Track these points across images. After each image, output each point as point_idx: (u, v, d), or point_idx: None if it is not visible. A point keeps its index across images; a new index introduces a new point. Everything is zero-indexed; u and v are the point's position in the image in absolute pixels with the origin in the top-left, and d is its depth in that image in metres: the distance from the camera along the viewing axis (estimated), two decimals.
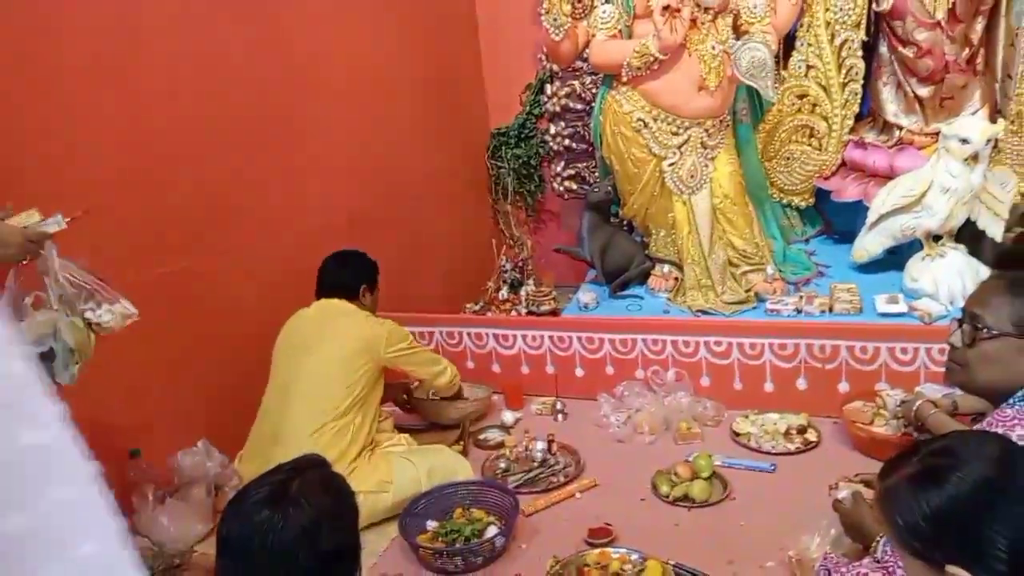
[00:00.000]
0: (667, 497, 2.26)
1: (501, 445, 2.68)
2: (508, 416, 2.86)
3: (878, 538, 1.59)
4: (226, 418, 2.48)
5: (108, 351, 2.11)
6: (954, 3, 3.04)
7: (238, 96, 2.61)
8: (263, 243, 2.72)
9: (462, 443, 2.71)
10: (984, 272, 2.71)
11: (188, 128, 2.42)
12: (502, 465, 2.54)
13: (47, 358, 1.70)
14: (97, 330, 1.76)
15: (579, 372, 2.94)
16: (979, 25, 3.13)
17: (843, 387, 2.60)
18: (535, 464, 2.52)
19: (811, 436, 2.51)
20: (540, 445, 2.58)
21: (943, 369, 1.65)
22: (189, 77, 2.42)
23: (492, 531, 2.10)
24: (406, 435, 2.59)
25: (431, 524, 2.19)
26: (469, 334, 3.06)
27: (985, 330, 1.50)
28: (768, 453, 2.46)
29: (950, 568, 0.98)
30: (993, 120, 3.02)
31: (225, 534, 1.27)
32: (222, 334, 2.53)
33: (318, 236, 2.87)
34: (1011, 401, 1.49)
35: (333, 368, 2.32)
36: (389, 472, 2.31)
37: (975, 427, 1.61)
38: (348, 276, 2.52)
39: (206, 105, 2.48)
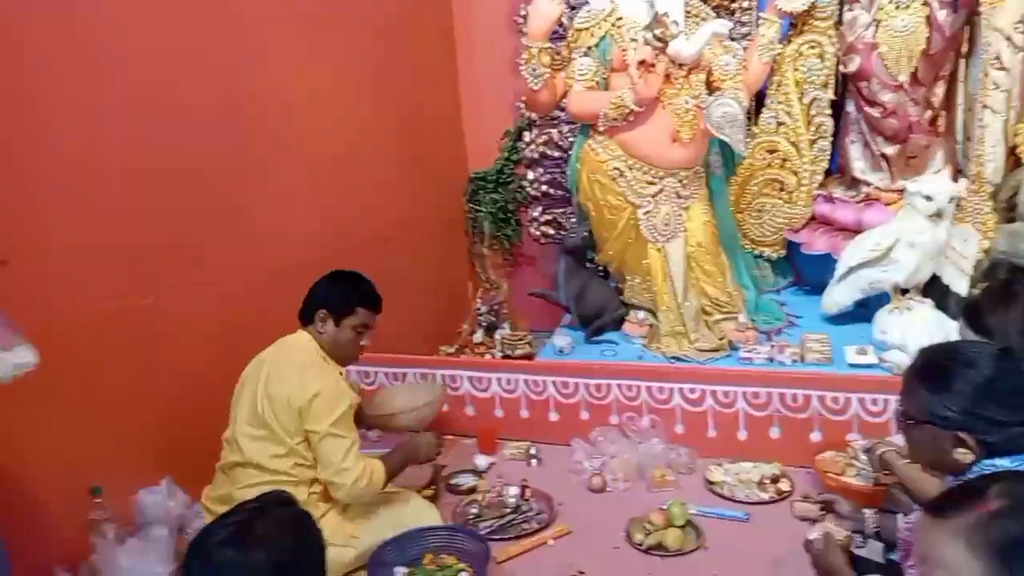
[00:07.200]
0: (641, 545, 2.24)
1: (473, 490, 2.64)
2: (481, 461, 2.83)
3: None
4: (191, 457, 2.42)
5: (73, 384, 2.07)
6: (916, 68, 3.18)
7: (209, 133, 2.60)
8: (232, 279, 2.69)
9: (434, 487, 2.66)
10: (951, 326, 2.77)
11: (157, 163, 2.41)
12: (474, 511, 2.51)
13: None
14: None
15: (553, 416, 2.93)
16: (939, 89, 3.27)
17: (815, 436, 2.61)
18: (508, 510, 2.49)
19: (784, 486, 2.51)
20: (513, 491, 2.55)
21: None
22: (162, 111, 2.41)
23: None
24: None
25: (400, 571, 2.13)
26: (443, 376, 3.04)
27: (911, 421, 1.50)
28: (742, 502, 2.46)
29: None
30: (955, 179, 3.13)
31: (187, 575, 1.23)
32: (190, 371, 2.49)
33: (288, 274, 2.84)
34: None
35: (271, 426, 2.14)
36: (356, 527, 2.23)
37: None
38: (311, 298, 2.29)
39: (177, 141, 2.47)
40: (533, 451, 2.83)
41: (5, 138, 1.99)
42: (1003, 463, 1.38)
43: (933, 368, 1.49)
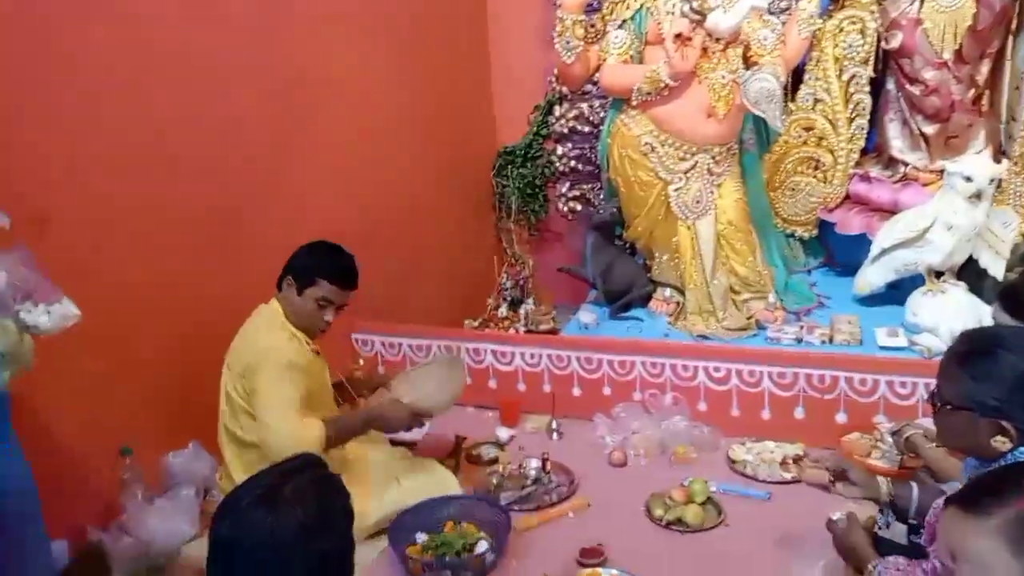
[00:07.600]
0: (661, 520, 2.24)
1: (495, 461, 2.66)
2: (503, 433, 2.84)
3: (872, 564, 1.58)
4: (218, 422, 2.47)
5: (106, 347, 2.11)
6: (961, 44, 3.08)
7: (242, 104, 2.61)
8: (262, 248, 2.70)
9: (455, 458, 2.68)
10: (985, 310, 2.71)
11: (191, 135, 2.42)
12: (495, 481, 2.52)
13: None
14: (33, 332, 1.63)
15: (576, 392, 2.93)
16: (984, 67, 3.17)
17: (841, 418, 2.58)
18: (528, 482, 2.50)
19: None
20: (534, 463, 2.56)
21: None
22: (194, 86, 2.42)
23: (483, 546, 2.07)
24: (401, 448, 2.57)
25: (421, 537, 2.16)
26: (468, 349, 3.05)
27: (948, 406, 1.46)
28: (764, 481, 2.44)
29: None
30: (997, 160, 3.04)
31: (216, 536, 1.24)
32: (220, 337, 2.52)
33: None
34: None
35: (229, 391, 2.14)
36: (365, 501, 2.16)
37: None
38: (287, 265, 2.19)
39: (210, 113, 2.48)
40: (555, 425, 2.84)
41: (53, 100, 2.02)
42: None
43: (975, 354, 1.45)
